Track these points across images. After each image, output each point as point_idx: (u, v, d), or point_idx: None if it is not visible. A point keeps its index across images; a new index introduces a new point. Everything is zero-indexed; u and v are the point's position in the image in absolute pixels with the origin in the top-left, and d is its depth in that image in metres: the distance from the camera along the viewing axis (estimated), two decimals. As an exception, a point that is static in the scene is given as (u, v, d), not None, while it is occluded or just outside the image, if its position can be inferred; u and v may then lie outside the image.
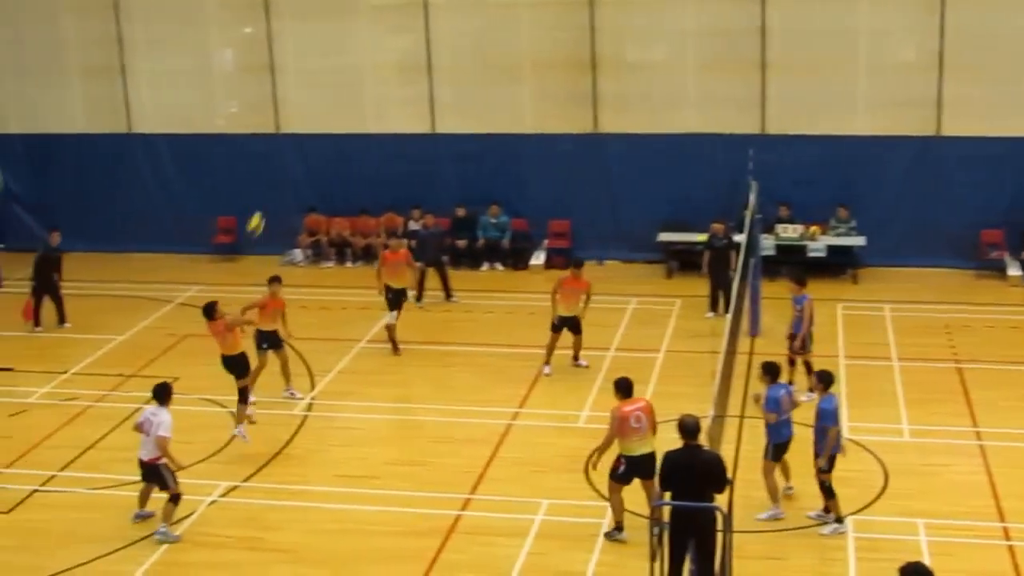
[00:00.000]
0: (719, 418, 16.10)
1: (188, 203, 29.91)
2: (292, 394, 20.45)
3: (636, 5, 27.83)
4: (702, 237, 27.20)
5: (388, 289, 22.57)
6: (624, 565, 14.99)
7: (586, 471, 17.51)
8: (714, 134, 27.44)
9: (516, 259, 28.13)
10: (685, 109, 27.86)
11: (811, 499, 16.51)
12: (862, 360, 21.81)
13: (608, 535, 15.73)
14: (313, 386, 21.09)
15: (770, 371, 16.37)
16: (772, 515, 16.15)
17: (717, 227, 24.47)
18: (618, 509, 15.70)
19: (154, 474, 16.07)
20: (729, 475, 13.38)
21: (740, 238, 23.05)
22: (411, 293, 23.70)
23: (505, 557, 15.38)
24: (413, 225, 27.99)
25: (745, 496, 16.06)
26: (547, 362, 21.41)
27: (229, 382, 19.13)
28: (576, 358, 21.67)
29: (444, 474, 17.71)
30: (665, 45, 28.43)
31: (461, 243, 27.94)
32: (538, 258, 28.07)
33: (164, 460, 15.93)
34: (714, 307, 24.28)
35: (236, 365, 18.98)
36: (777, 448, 16.23)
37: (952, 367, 21.46)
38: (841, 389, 20.40)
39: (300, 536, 16.12)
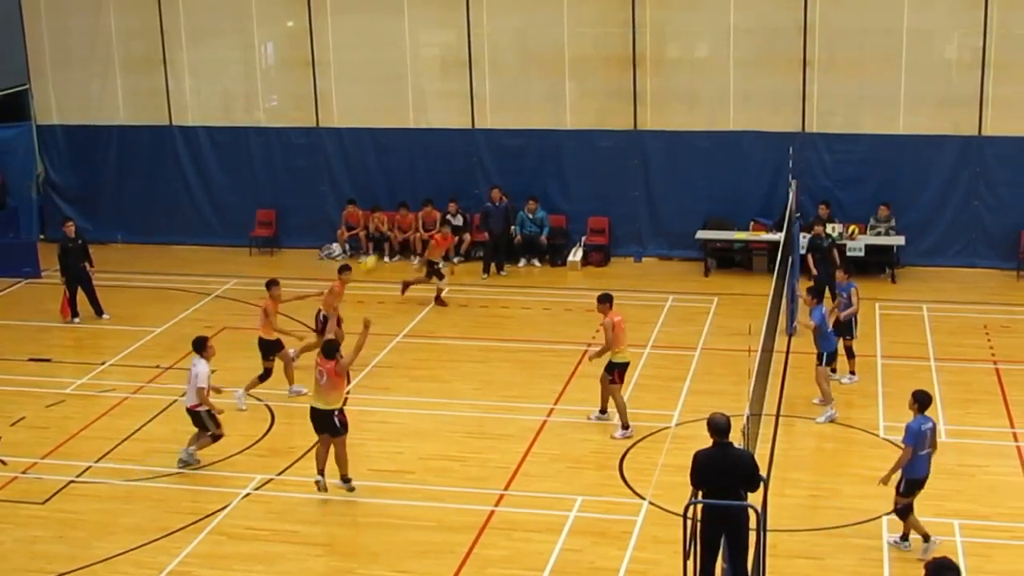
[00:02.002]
0: (754, 416, 16.10)
1: (228, 195, 30.07)
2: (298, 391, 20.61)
3: (678, 3, 27.72)
4: (741, 235, 27.27)
5: (431, 263, 24.42)
6: (658, 562, 14.99)
7: (620, 468, 17.54)
8: (755, 132, 27.34)
9: (554, 255, 28.12)
10: (726, 107, 27.76)
11: (850, 499, 16.48)
12: (900, 360, 21.69)
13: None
14: (349, 380, 21.16)
15: (920, 400, 15.18)
16: None
17: (819, 229, 24.20)
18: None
19: (196, 419, 17.58)
20: (763, 474, 13.33)
21: (779, 236, 22.99)
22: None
23: (539, 553, 15.39)
24: (450, 220, 28.11)
25: (779, 495, 16.08)
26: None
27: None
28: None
29: (479, 469, 17.75)
30: (706, 42, 28.34)
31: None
32: (575, 254, 28.05)
33: (203, 407, 17.40)
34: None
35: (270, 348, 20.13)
36: (910, 484, 15.08)
37: (990, 367, 21.33)
38: (878, 389, 20.39)
39: (335, 529, 16.20)
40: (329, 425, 16.61)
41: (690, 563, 13.02)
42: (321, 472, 16.79)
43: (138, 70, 30.29)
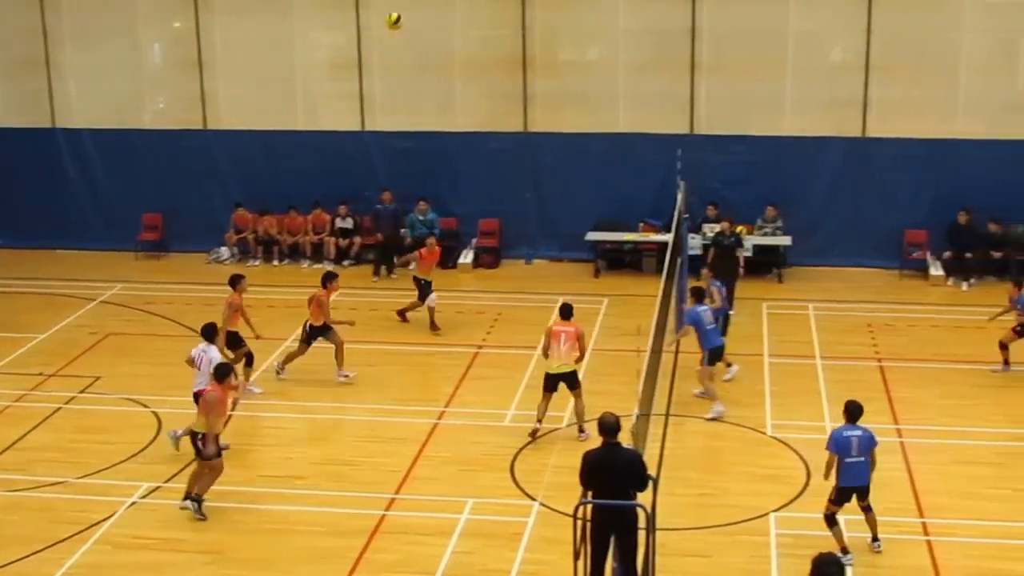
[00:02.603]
0: (644, 416, 16.19)
1: (113, 199, 29.62)
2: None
3: (568, 5, 27.88)
4: (631, 236, 27.47)
5: (418, 281, 23.84)
6: (549, 563, 14.99)
7: (511, 470, 17.56)
8: (644, 133, 27.58)
9: (444, 257, 28.04)
10: (616, 109, 27.96)
11: (738, 497, 16.66)
12: (786, 358, 21.99)
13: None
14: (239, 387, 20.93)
15: (848, 409, 15.26)
16: None
17: (725, 225, 24.66)
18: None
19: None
20: (652, 473, 13.42)
21: (668, 237, 23.20)
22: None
23: (430, 556, 15.33)
24: (340, 223, 28.00)
25: (669, 494, 16.17)
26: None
27: (150, 382, 18.94)
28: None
29: (371, 473, 17.64)
30: (596, 44, 28.53)
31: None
32: (466, 256, 28.06)
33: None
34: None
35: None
36: (840, 492, 15.02)
37: (875, 365, 21.71)
38: (766, 387, 20.65)
39: (224, 536, 15.98)
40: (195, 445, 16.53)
41: (580, 563, 13.08)
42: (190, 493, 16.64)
43: (20, 72, 29.76)
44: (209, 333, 18.44)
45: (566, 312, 19.12)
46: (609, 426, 13.42)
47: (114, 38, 29.55)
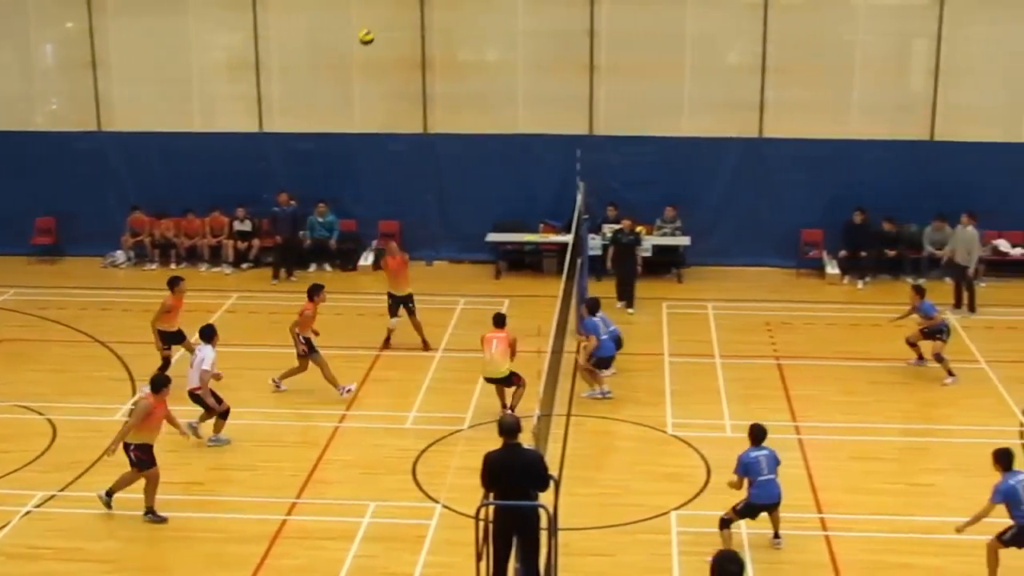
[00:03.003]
0: (545, 417, 16.22)
1: (5, 203, 28.98)
2: None
3: (467, 6, 27.89)
4: (531, 237, 27.53)
5: (391, 296, 22.64)
6: (452, 565, 14.96)
7: (413, 472, 17.51)
8: (544, 134, 27.65)
9: (344, 259, 27.96)
10: (516, 110, 28.03)
11: (640, 496, 16.75)
12: (686, 357, 22.16)
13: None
14: (135, 391, 20.64)
15: (752, 433, 15.42)
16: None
17: (625, 223, 24.91)
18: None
19: (197, 400, 18.28)
20: (553, 473, 13.45)
21: (568, 238, 23.26)
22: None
23: (333, 561, 15.23)
24: (238, 225, 27.75)
25: (571, 494, 16.18)
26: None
27: (45, 388, 18.59)
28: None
29: (271, 478, 17.47)
30: (495, 46, 28.58)
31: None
32: (366, 259, 27.94)
33: (202, 389, 18.15)
34: (621, 299, 24.85)
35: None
36: (748, 507, 15.10)
37: (772, 363, 21.96)
38: (666, 387, 20.79)
39: (123, 545, 15.73)
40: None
41: (483, 564, 13.06)
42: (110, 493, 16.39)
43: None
44: (206, 334, 18.70)
45: (499, 321, 19.62)
46: (509, 427, 13.41)
47: (4, 39, 29.04)
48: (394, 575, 14.98)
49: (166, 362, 20.51)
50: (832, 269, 27.09)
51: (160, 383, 16.50)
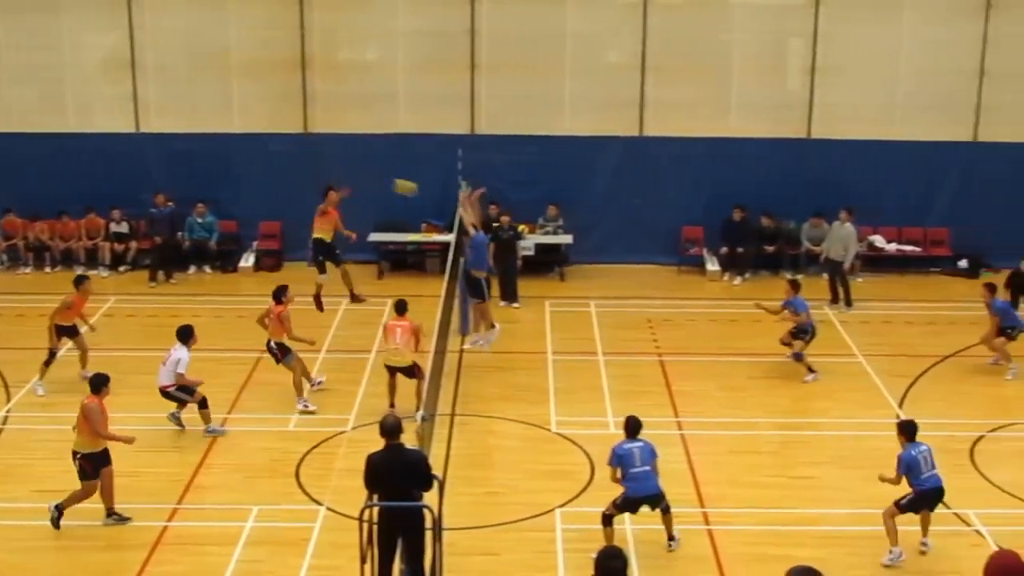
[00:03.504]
0: (430, 417, 16.21)
1: None
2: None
3: (346, 6, 27.70)
4: (414, 237, 27.45)
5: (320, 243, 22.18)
6: (337, 568, 14.88)
7: (296, 475, 17.37)
8: (425, 134, 27.58)
9: (224, 261, 27.64)
10: (397, 109, 27.94)
11: (525, 494, 16.79)
12: (569, 355, 22.26)
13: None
14: (9, 398, 20.22)
15: (628, 425, 15.39)
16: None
17: (505, 219, 25.05)
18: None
19: (170, 397, 18.68)
20: (437, 473, 13.43)
21: (451, 237, 23.28)
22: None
23: (215, 566, 15.07)
24: (114, 227, 27.30)
25: (456, 493, 16.22)
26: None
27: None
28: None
29: (151, 484, 17.21)
30: (376, 45, 28.43)
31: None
32: (247, 260, 27.65)
33: (173, 386, 18.59)
34: (505, 297, 24.80)
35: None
36: (626, 501, 15.16)
37: (655, 360, 22.16)
38: (550, 385, 20.87)
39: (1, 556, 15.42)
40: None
41: (368, 567, 13.01)
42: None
43: None
44: (183, 334, 18.95)
45: (400, 308, 19.55)
46: (390, 427, 13.35)
47: None
48: (278, 579, 14.88)
49: (51, 354, 20.38)
50: (712, 266, 27.41)
51: (99, 381, 16.33)
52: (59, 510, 15.93)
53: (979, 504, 16.21)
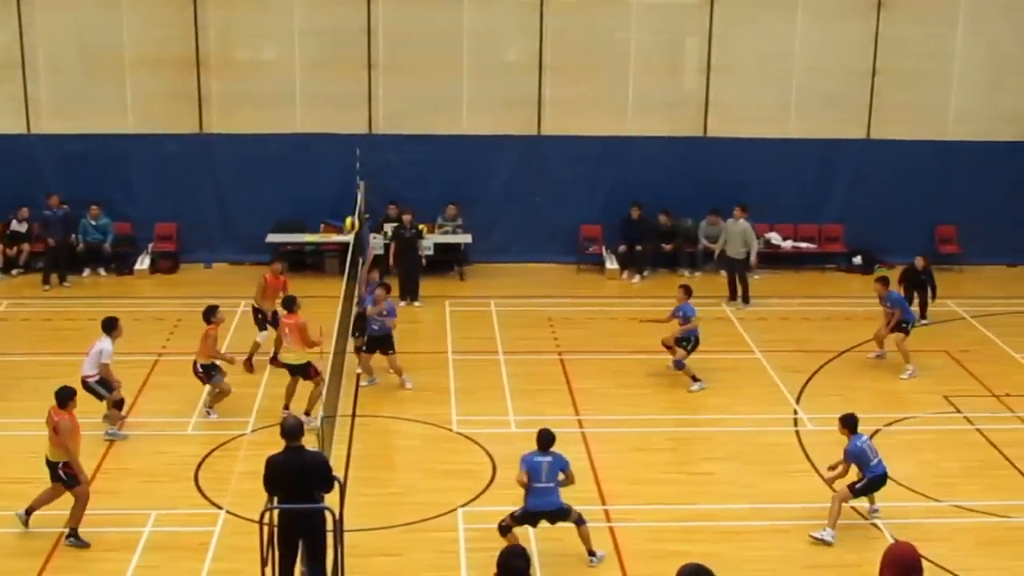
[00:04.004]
0: (329, 418, 16.12)
1: None
2: None
3: (242, 4, 27.47)
4: (312, 237, 27.29)
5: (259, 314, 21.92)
6: (238, 571, 14.73)
7: (195, 479, 17.19)
8: (323, 133, 27.43)
9: (120, 263, 27.25)
10: (294, 109, 27.75)
11: (426, 494, 16.77)
12: (470, 355, 22.28)
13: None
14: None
15: (541, 438, 15.16)
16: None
17: (407, 218, 25.01)
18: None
19: (88, 389, 18.18)
20: (338, 475, 13.36)
21: (349, 237, 23.19)
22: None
23: (113, 572, 14.88)
24: (15, 226, 26.81)
25: (357, 494, 16.18)
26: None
27: None
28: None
29: (46, 490, 16.93)
30: (272, 44, 28.21)
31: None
32: (143, 262, 27.29)
33: (95, 376, 18.28)
34: (404, 296, 24.74)
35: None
36: (525, 514, 15.01)
37: (555, 358, 22.24)
38: (451, 384, 20.85)
39: None
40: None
41: (269, 569, 12.91)
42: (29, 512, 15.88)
43: None
44: (107, 325, 18.68)
45: (288, 304, 19.41)
46: (291, 429, 13.28)
47: None
48: (178, 584, 14.72)
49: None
50: (611, 264, 27.57)
51: (66, 395, 16.00)
52: (72, 531, 15.61)
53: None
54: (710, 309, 22.56)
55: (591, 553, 15.24)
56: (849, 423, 15.94)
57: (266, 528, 12.91)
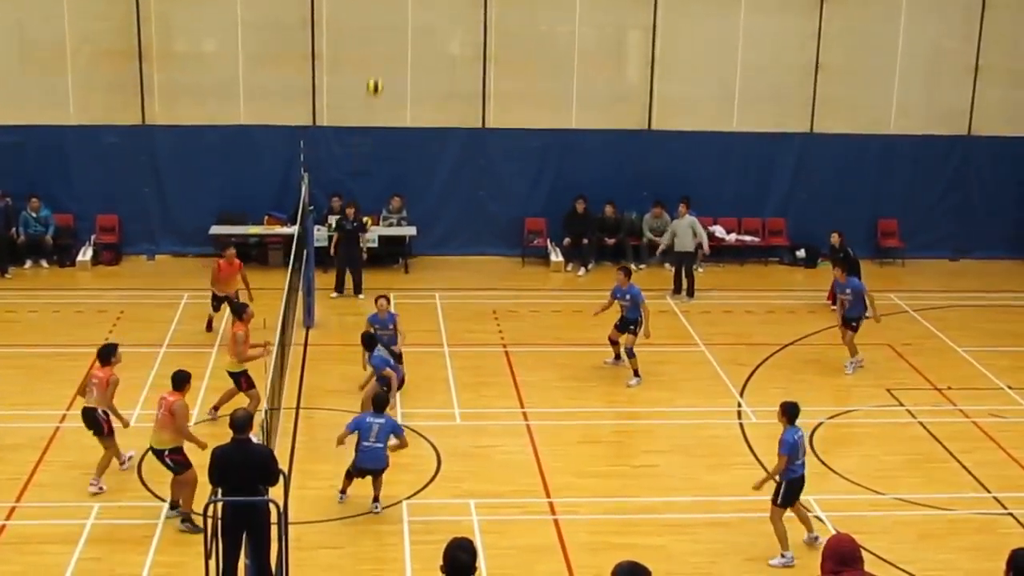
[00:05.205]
0: (274, 411, 16.07)
1: None
2: None
3: (183, -5, 27.32)
4: (256, 229, 27.18)
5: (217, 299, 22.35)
6: (181, 564, 14.67)
7: (139, 472, 17.07)
8: (265, 125, 27.31)
9: (61, 255, 26.99)
10: (236, 101, 27.59)
11: (370, 487, 16.73)
12: (415, 348, 22.15)
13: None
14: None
15: (788, 412, 15.12)
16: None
17: (349, 211, 25.02)
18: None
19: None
20: (282, 468, 13.33)
21: (294, 229, 23.10)
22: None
23: (55, 565, 14.72)
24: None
25: (302, 487, 16.14)
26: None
27: None
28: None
29: (-14, 483, 16.79)
30: (214, 36, 27.99)
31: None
32: (85, 254, 27.05)
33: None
34: (339, 288, 24.83)
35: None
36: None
37: (500, 351, 22.26)
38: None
39: None
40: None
41: (212, 562, 12.85)
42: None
43: None
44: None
45: (237, 312, 19.15)
46: (240, 422, 13.25)
47: None
48: (120, 577, 14.61)
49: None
50: (556, 257, 27.63)
51: (182, 379, 15.90)
52: (183, 515, 15.55)
53: (819, 490, 16.58)
54: (655, 302, 22.62)
55: (376, 500, 16.11)
56: (789, 411, 15.07)
57: (210, 520, 12.84)
